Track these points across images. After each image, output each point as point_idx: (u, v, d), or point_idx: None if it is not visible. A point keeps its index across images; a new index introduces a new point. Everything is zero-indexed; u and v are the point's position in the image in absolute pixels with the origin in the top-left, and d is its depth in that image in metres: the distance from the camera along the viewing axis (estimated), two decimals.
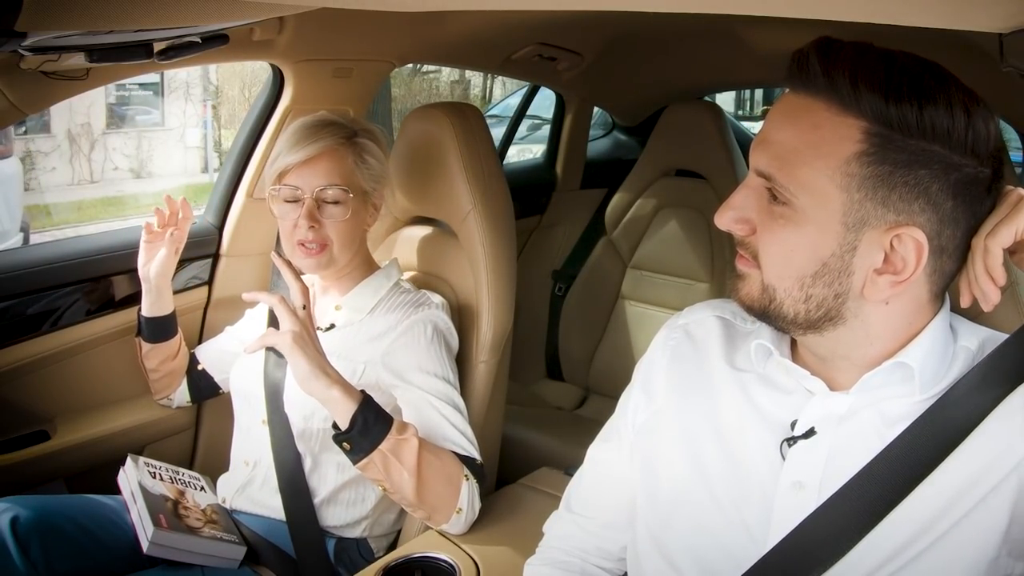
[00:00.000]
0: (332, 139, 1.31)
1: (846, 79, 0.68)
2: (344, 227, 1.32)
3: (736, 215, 0.75)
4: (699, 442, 0.83)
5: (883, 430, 0.75)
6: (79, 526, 1.29)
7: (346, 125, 1.35)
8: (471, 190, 1.45)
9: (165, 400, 1.61)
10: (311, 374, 1.15)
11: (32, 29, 0.76)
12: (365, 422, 1.15)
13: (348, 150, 1.33)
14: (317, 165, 1.30)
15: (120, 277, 1.60)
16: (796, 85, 0.72)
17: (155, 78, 6.50)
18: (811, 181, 0.70)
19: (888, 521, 0.72)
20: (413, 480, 1.17)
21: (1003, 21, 0.59)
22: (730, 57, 2.23)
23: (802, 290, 0.73)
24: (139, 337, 1.52)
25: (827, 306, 0.73)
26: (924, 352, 0.75)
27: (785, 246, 0.73)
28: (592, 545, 0.96)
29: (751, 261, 0.76)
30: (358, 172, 1.34)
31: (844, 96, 0.68)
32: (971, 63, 0.76)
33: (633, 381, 0.95)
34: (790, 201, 0.71)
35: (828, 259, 0.72)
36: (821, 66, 0.69)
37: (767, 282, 0.75)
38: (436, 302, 1.38)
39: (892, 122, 0.67)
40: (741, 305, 0.79)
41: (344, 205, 1.31)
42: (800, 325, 0.76)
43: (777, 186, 0.71)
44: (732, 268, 0.80)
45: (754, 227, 0.75)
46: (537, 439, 2.10)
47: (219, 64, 6.05)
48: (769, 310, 0.76)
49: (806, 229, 0.71)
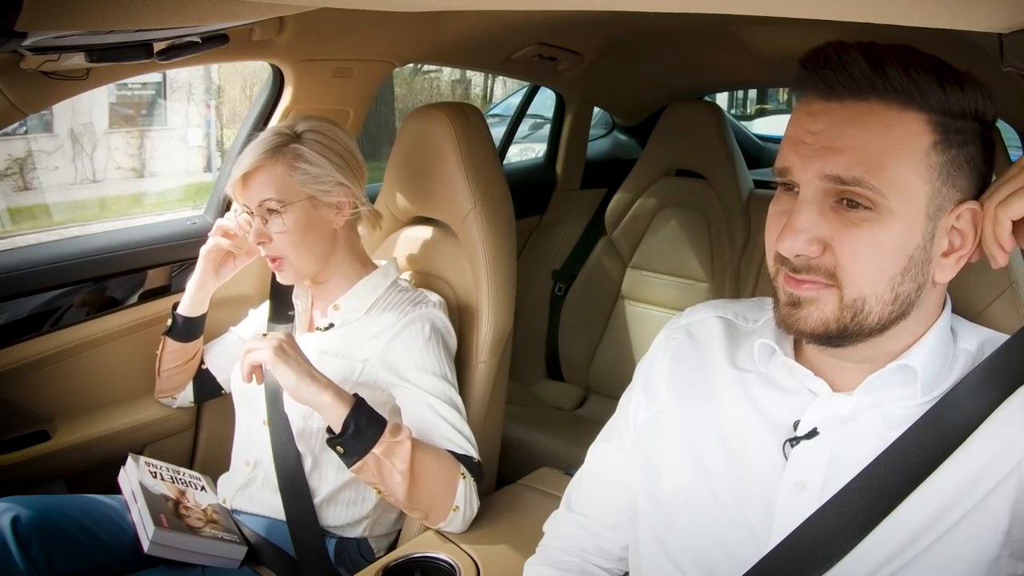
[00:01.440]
0: (261, 152, 1.29)
1: (902, 76, 0.68)
2: (290, 237, 1.31)
3: (809, 236, 0.71)
4: (701, 442, 0.83)
5: (885, 432, 0.75)
6: (80, 526, 1.29)
7: (284, 132, 1.32)
8: (471, 190, 1.45)
9: (167, 399, 1.61)
10: (299, 383, 1.17)
11: (32, 29, 0.76)
12: (358, 426, 1.16)
13: (277, 160, 1.30)
14: (251, 181, 1.30)
15: (120, 277, 1.60)
16: (836, 90, 0.70)
17: (158, 78, 6.54)
18: (899, 178, 0.69)
19: (889, 521, 0.72)
20: (406, 483, 1.17)
21: (1003, 21, 0.59)
22: (730, 57, 2.23)
23: (893, 290, 0.72)
24: (168, 336, 1.51)
25: (908, 301, 0.73)
26: (927, 354, 0.75)
27: (875, 249, 0.70)
28: (592, 545, 0.96)
29: (821, 282, 0.72)
30: (293, 179, 1.30)
31: (903, 92, 0.68)
32: (971, 63, 0.76)
33: (634, 381, 0.95)
34: (877, 203, 0.69)
35: (914, 252, 0.71)
36: (872, 67, 0.68)
37: (854, 295, 0.71)
38: (434, 300, 1.38)
39: (949, 108, 0.69)
40: (810, 334, 0.74)
41: (283, 216, 1.30)
42: (875, 332, 0.73)
43: (865, 189, 0.69)
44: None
45: (825, 244, 0.71)
46: (537, 439, 2.10)
47: (220, 64, 6.10)
48: (850, 327, 0.73)
49: (894, 227, 0.70)
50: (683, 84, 2.64)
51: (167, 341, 1.52)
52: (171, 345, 1.51)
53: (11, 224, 5.34)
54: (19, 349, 1.47)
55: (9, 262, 1.47)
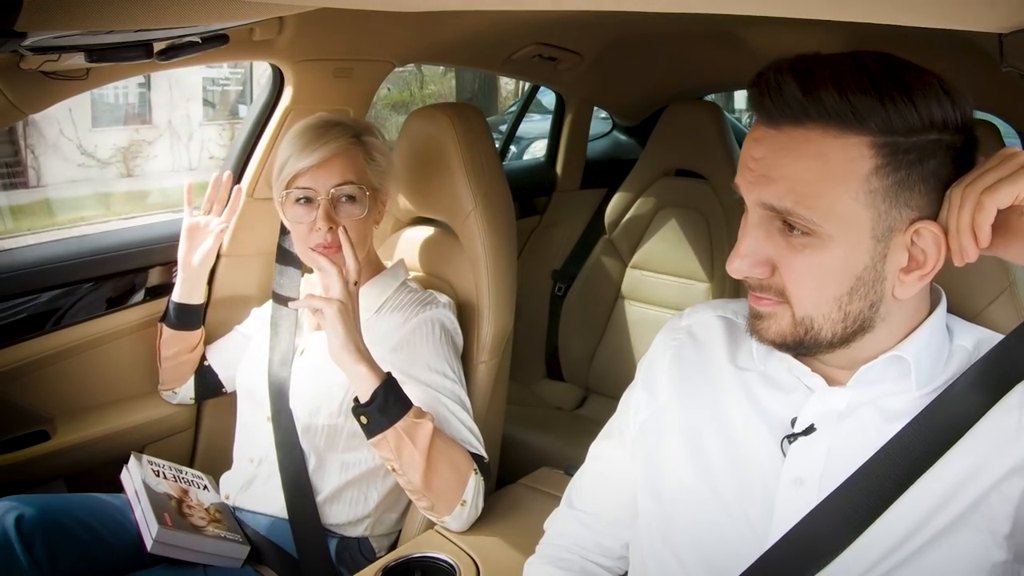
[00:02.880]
0: (343, 139, 1.31)
1: (837, 99, 0.66)
2: (360, 224, 1.33)
3: (752, 260, 0.73)
4: (702, 440, 0.84)
5: (882, 426, 0.75)
6: (83, 525, 1.29)
7: (350, 125, 1.35)
8: (472, 191, 1.45)
9: (169, 393, 1.62)
10: (344, 345, 1.19)
11: (32, 29, 0.76)
12: (386, 399, 1.18)
13: (358, 148, 1.34)
14: (331, 166, 1.30)
15: (120, 277, 1.60)
16: (774, 117, 0.69)
17: (244, 74, 6.71)
18: (834, 207, 0.68)
19: (888, 515, 0.72)
20: (423, 462, 1.18)
21: (1003, 21, 0.60)
22: (730, 57, 2.23)
23: (840, 310, 0.72)
24: (163, 323, 1.53)
25: (863, 317, 0.73)
26: (920, 347, 0.76)
27: (818, 273, 0.71)
28: (593, 542, 0.97)
29: (773, 299, 0.75)
30: (369, 169, 1.35)
31: (838, 116, 0.66)
32: (971, 63, 0.76)
33: (635, 381, 0.95)
34: (814, 230, 0.69)
35: (861, 273, 0.71)
36: (803, 91, 0.66)
37: (802, 314, 0.73)
38: (443, 301, 1.39)
39: (894, 128, 0.66)
40: (770, 343, 0.77)
41: (360, 202, 1.32)
42: (835, 344, 0.75)
43: (798, 219, 0.69)
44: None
45: (773, 265, 0.73)
46: (537, 439, 2.10)
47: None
48: (805, 340, 0.75)
49: (836, 251, 0.70)
50: (683, 84, 2.64)
51: (162, 328, 1.54)
52: (166, 332, 1.53)
53: (121, 207, 5.75)
54: (19, 349, 1.47)
55: (9, 262, 1.47)
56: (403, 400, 1.20)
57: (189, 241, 1.51)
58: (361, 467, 1.37)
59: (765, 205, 0.71)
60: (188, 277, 1.51)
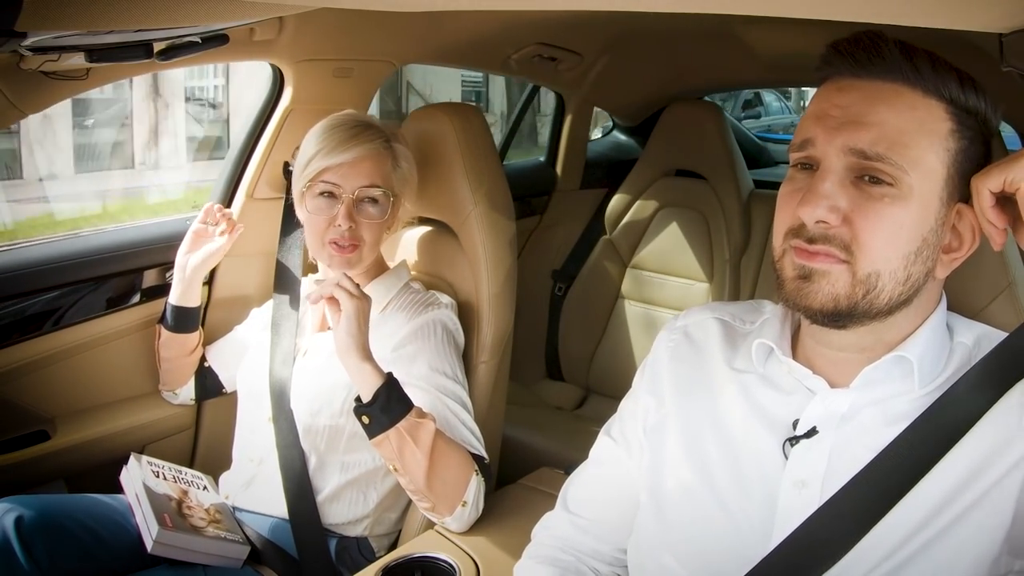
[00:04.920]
0: (376, 142, 1.34)
1: (929, 66, 0.72)
2: (378, 228, 1.36)
3: (830, 203, 0.71)
4: (702, 442, 0.84)
5: (884, 428, 0.75)
6: (83, 526, 1.29)
7: (382, 129, 1.38)
8: (472, 191, 1.45)
9: (169, 394, 1.62)
10: (352, 342, 1.19)
11: (32, 29, 0.76)
12: (388, 399, 1.18)
13: (388, 153, 1.36)
14: (360, 166, 1.32)
15: (120, 277, 1.60)
16: (867, 68, 0.73)
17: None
18: (921, 158, 0.71)
19: (891, 517, 0.72)
20: (425, 462, 1.18)
21: (1003, 21, 0.60)
22: (730, 57, 2.23)
23: (905, 269, 0.73)
24: (160, 324, 1.54)
25: (917, 285, 0.74)
26: (923, 347, 0.76)
27: (893, 225, 0.71)
28: (589, 547, 0.96)
29: (835, 255, 0.72)
30: (394, 175, 1.37)
31: (928, 81, 0.72)
32: (971, 63, 0.76)
33: (636, 386, 0.95)
34: (898, 179, 0.71)
35: (927, 234, 0.73)
36: (903, 54, 0.71)
37: (869, 269, 0.72)
38: (445, 302, 1.40)
39: (965, 104, 0.73)
40: (815, 311, 0.74)
41: (382, 206, 1.35)
42: (883, 312, 0.74)
43: (887, 165, 0.71)
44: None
45: (843, 215, 0.72)
46: (537, 439, 2.10)
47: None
48: (860, 303, 0.72)
49: (912, 205, 0.71)
50: (683, 84, 2.64)
51: (160, 330, 1.54)
52: (164, 335, 1.53)
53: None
54: (19, 349, 1.47)
55: (9, 262, 1.47)
56: (405, 400, 1.20)
57: (191, 244, 1.51)
58: (361, 468, 1.37)
59: (854, 151, 0.71)
60: (182, 279, 1.51)
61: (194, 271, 1.51)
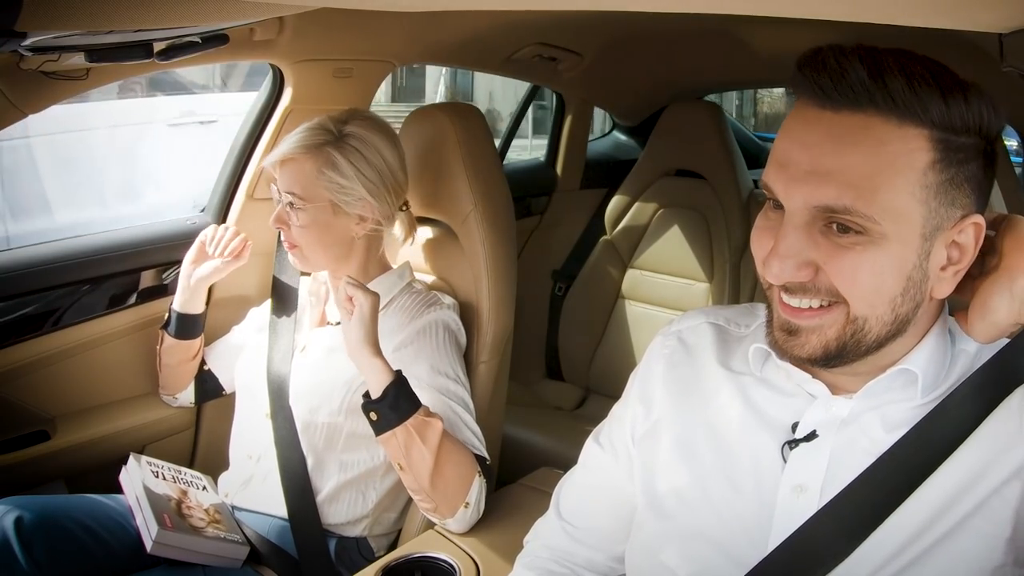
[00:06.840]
0: (299, 145, 1.29)
1: (904, 87, 0.63)
2: (306, 234, 1.31)
3: (796, 261, 0.67)
4: (697, 447, 0.83)
5: (884, 434, 0.75)
6: (82, 526, 1.29)
7: (328, 130, 1.30)
8: (472, 191, 1.45)
9: (168, 397, 1.61)
10: (365, 339, 1.20)
11: (32, 29, 0.76)
12: (397, 396, 1.18)
13: (310, 158, 1.28)
14: (285, 169, 1.31)
15: (120, 277, 1.60)
16: (833, 99, 0.65)
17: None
18: (892, 202, 0.65)
19: (890, 522, 0.72)
20: (431, 461, 1.18)
21: (1003, 21, 0.60)
22: (730, 57, 2.23)
23: (893, 312, 0.69)
24: (163, 330, 1.52)
25: (905, 320, 0.70)
26: (927, 358, 0.75)
27: (871, 272, 0.67)
28: (583, 557, 0.95)
29: (818, 309, 0.70)
30: (319, 182, 1.29)
31: (903, 105, 0.64)
32: (971, 63, 0.76)
33: (628, 392, 0.93)
34: (868, 228, 0.65)
35: (911, 272, 0.68)
36: (869, 74, 0.63)
37: (856, 315, 0.69)
38: (447, 303, 1.39)
39: (952, 124, 0.65)
40: (805, 360, 0.72)
41: (306, 212, 1.30)
42: (871, 350, 0.71)
43: (855, 217, 0.65)
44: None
45: (816, 267, 0.68)
46: (537, 439, 2.10)
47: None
48: (848, 344, 0.70)
49: (890, 249, 0.66)
50: (683, 84, 2.64)
51: (164, 336, 1.53)
52: (168, 340, 1.52)
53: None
54: (19, 349, 1.47)
55: (9, 262, 1.47)
56: (413, 398, 1.20)
57: (197, 254, 1.51)
58: (360, 467, 1.36)
59: (817, 207, 0.66)
60: (186, 287, 1.50)
61: (199, 282, 1.50)
